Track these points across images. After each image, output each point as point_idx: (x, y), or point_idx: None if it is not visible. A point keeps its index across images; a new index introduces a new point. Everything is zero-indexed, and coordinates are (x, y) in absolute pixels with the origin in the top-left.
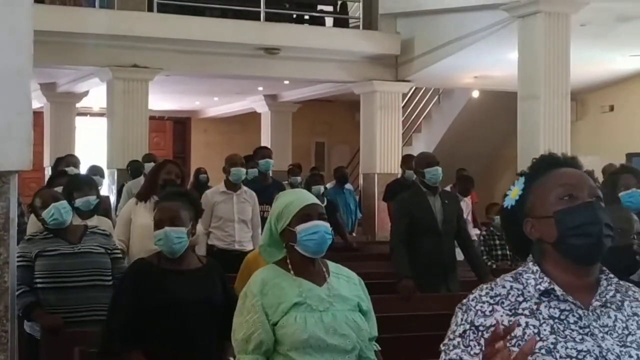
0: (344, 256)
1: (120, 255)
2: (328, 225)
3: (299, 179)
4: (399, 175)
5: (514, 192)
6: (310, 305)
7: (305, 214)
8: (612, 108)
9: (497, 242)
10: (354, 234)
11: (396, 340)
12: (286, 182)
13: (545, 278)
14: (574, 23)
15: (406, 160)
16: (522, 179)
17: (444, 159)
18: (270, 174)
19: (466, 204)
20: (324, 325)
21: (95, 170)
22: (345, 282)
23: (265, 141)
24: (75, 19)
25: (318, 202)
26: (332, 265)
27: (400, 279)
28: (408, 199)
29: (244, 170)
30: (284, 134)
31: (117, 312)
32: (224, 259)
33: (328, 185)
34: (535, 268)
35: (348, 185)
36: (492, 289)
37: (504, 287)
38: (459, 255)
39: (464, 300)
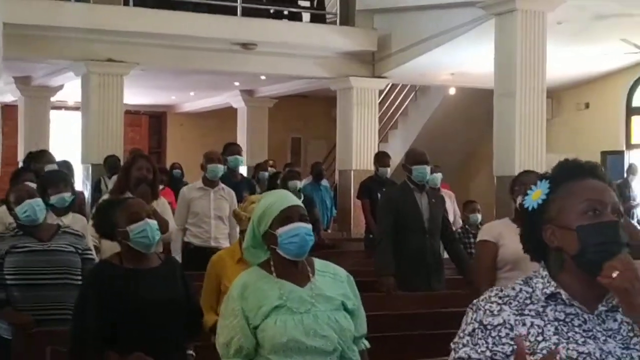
0: (319, 254)
1: (92, 257)
2: (309, 226)
3: (266, 174)
4: (373, 173)
5: (536, 194)
6: (291, 308)
7: (286, 216)
8: (587, 106)
9: (472, 240)
10: (329, 231)
11: (378, 340)
12: (253, 178)
13: (553, 282)
14: (551, 21)
15: (379, 158)
16: (546, 183)
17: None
18: (240, 171)
19: (449, 195)
20: (304, 328)
21: (64, 166)
22: (331, 280)
23: (241, 136)
24: (50, 12)
25: (299, 203)
26: (318, 263)
27: (381, 275)
28: (395, 194)
29: (221, 167)
30: (260, 129)
31: (86, 315)
32: (200, 256)
33: (304, 182)
34: (545, 273)
35: (324, 182)
36: (501, 290)
37: (513, 289)
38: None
39: (475, 300)
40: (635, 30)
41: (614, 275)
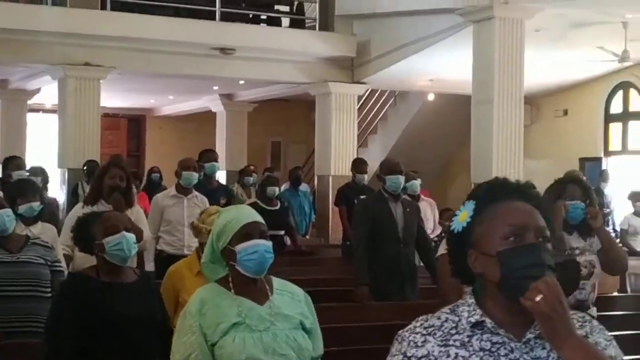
0: (294, 260)
1: (61, 269)
2: (270, 244)
3: (251, 179)
4: (350, 180)
5: (462, 216)
6: (250, 326)
7: (246, 232)
8: (565, 112)
9: None
10: (307, 237)
11: (344, 354)
12: (238, 183)
13: (478, 310)
14: (529, 28)
15: (356, 164)
16: (472, 204)
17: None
18: (217, 177)
19: (430, 203)
20: (263, 346)
21: (35, 172)
22: (289, 299)
23: (221, 140)
24: (27, 16)
25: (260, 220)
26: (276, 281)
27: (356, 285)
28: (370, 203)
29: (196, 174)
30: (239, 133)
31: (60, 327)
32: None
33: (283, 187)
34: (471, 300)
35: (303, 187)
36: (427, 320)
37: (439, 318)
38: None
39: (400, 331)
40: (612, 38)
41: (538, 298)
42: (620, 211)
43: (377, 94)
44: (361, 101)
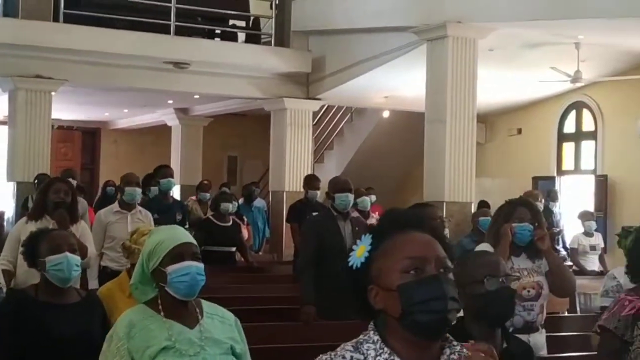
0: (244, 277)
1: None
2: (201, 265)
3: (207, 195)
4: (303, 196)
5: (360, 251)
6: (180, 350)
7: (178, 253)
8: (520, 131)
9: None
10: (260, 253)
11: None
12: (194, 198)
13: (386, 349)
14: (482, 48)
15: (308, 181)
16: (369, 238)
17: (354, 177)
18: (172, 194)
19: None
20: None
21: None
22: (220, 324)
23: (176, 155)
24: None
25: (192, 241)
26: (206, 305)
27: (303, 304)
28: (318, 221)
29: (139, 189)
30: (195, 147)
31: None
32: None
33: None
34: (376, 338)
35: (257, 202)
36: (332, 358)
37: (344, 357)
38: None
39: None
40: (565, 58)
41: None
42: (571, 230)
43: (333, 110)
44: (318, 117)
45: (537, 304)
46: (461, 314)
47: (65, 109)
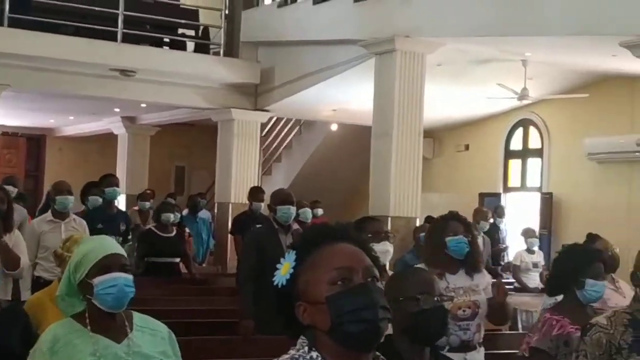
0: (186, 289)
1: None
2: (130, 277)
3: (147, 204)
4: (247, 208)
5: (285, 268)
6: None
7: (105, 264)
8: (467, 147)
9: None
10: (204, 265)
11: None
12: (136, 208)
13: None
14: (431, 63)
15: (253, 193)
16: (292, 254)
17: (302, 190)
18: (117, 204)
19: None
20: None
21: None
22: (150, 337)
23: (122, 163)
24: None
25: (121, 252)
26: (138, 317)
27: (242, 318)
28: (259, 233)
29: (71, 197)
30: (141, 156)
31: None
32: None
33: (183, 213)
34: (315, 354)
35: (202, 214)
36: None
37: None
38: None
39: None
40: (512, 75)
41: None
42: (515, 247)
43: (282, 122)
44: (267, 128)
45: (474, 323)
46: (390, 331)
47: (10, 115)
